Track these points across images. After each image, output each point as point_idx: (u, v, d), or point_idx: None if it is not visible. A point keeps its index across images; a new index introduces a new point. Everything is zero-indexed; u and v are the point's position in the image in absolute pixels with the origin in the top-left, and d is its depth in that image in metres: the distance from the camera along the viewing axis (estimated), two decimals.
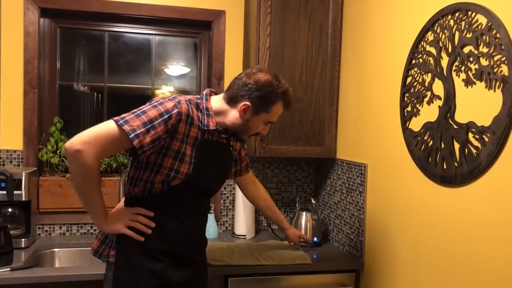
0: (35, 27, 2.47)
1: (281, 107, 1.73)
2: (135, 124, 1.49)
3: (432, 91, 1.71)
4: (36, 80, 2.49)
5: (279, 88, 1.68)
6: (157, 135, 1.52)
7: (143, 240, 1.62)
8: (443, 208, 1.64)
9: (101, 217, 1.61)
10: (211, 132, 1.68)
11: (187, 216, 1.70)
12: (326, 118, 2.51)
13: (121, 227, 1.61)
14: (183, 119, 1.58)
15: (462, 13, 1.55)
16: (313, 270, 2.21)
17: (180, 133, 1.58)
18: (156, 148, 1.56)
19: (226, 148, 1.81)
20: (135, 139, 1.48)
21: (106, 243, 1.70)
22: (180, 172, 1.60)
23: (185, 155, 1.61)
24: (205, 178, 1.68)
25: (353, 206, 2.34)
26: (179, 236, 1.68)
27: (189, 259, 1.72)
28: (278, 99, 1.70)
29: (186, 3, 2.65)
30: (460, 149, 1.55)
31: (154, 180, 1.61)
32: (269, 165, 2.80)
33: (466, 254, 1.52)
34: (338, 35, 2.49)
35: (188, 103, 1.62)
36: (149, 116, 1.52)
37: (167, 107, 1.55)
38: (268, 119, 1.73)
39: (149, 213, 1.63)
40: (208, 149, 1.68)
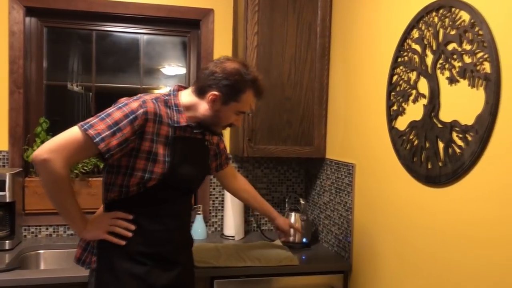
0: (20, 27, 2.44)
1: (252, 95, 1.67)
2: (100, 128, 1.47)
3: (417, 90, 1.68)
4: (22, 80, 2.46)
5: (247, 75, 1.63)
6: (123, 137, 1.49)
7: (124, 244, 1.59)
8: (428, 209, 1.61)
9: (79, 224, 1.59)
10: (182, 128, 1.64)
11: (168, 216, 1.66)
12: (315, 117, 2.48)
13: (101, 232, 1.59)
14: (150, 118, 1.54)
15: (446, 10, 1.52)
16: (300, 272, 2.18)
17: (149, 133, 1.55)
18: (125, 150, 1.53)
19: (201, 143, 1.77)
20: (100, 142, 1.46)
21: (88, 250, 1.67)
22: (154, 172, 1.57)
23: (157, 154, 1.57)
24: (181, 175, 1.64)
25: (341, 207, 2.31)
26: (160, 237, 1.64)
27: (173, 260, 1.69)
28: (247, 87, 1.64)
29: (174, 2, 2.62)
30: (444, 148, 1.52)
31: (128, 184, 1.58)
32: (259, 165, 2.77)
33: (451, 255, 1.49)
34: (327, 33, 2.46)
35: (155, 102, 1.58)
36: (113, 119, 1.49)
37: (132, 107, 1.52)
38: (239, 109, 1.67)
39: (127, 216, 1.60)
40: (182, 146, 1.64)
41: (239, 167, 2.74)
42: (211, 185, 2.70)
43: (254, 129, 2.39)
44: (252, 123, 2.38)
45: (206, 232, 2.61)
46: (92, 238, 1.63)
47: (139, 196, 1.60)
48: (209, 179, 2.69)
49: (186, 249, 1.80)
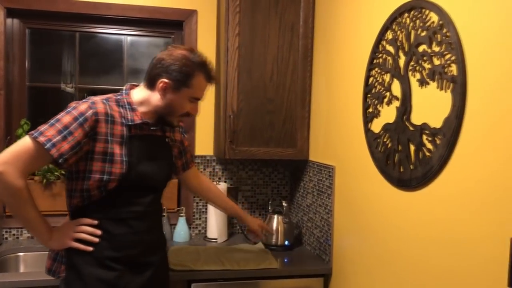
0: (1, 28, 2.43)
1: (203, 79, 1.63)
2: (50, 134, 1.45)
3: (391, 92, 1.66)
4: (3, 81, 2.45)
5: (194, 59, 1.59)
6: (75, 141, 1.47)
7: (91, 250, 1.56)
8: (400, 213, 1.59)
9: (44, 235, 1.56)
10: (138, 126, 1.62)
11: (134, 218, 1.63)
12: (298, 119, 2.46)
13: (67, 241, 1.56)
14: (101, 119, 1.52)
15: (417, 11, 1.50)
16: (280, 275, 2.16)
17: (101, 133, 1.53)
18: (80, 154, 1.51)
19: (161, 140, 1.75)
20: (51, 148, 1.44)
21: (58, 260, 1.65)
22: (113, 173, 1.54)
23: (113, 155, 1.55)
24: (142, 174, 1.61)
25: (322, 209, 2.29)
26: (128, 240, 1.61)
27: (144, 262, 1.67)
28: (196, 70, 1.59)
29: (157, 3, 2.61)
30: (415, 151, 1.49)
31: (88, 188, 1.55)
32: (243, 167, 2.76)
33: (422, 257, 1.46)
34: (309, 34, 2.44)
35: (105, 102, 1.57)
36: (63, 123, 1.48)
37: (80, 110, 1.51)
38: (193, 95, 1.62)
39: (92, 222, 1.58)
40: (139, 144, 1.62)
41: (223, 169, 2.72)
42: None
43: (236, 131, 2.38)
44: (234, 125, 2.36)
45: (189, 234, 2.59)
46: (59, 248, 1.60)
47: (102, 200, 1.58)
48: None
49: (158, 251, 1.76)
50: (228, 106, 2.36)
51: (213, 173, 2.71)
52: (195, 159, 2.67)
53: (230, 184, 2.72)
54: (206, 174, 2.70)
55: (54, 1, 2.50)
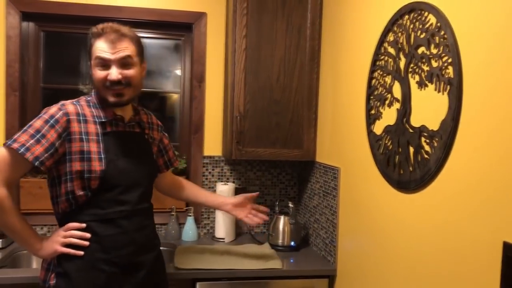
0: (16, 31, 2.51)
1: (97, 40, 1.58)
2: (23, 139, 1.48)
3: (392, 94, 1.66)
4: (18, 83, 2.52)
5: (91, 30, 1.62)
6: (48, 143, 1.50)
7: (82, 254, 1.57)
8: (400, 215, 1.59)
9: (33, 244, 1.57)
10: (113, 123, 1.64)
11: (122, 218, 1.62)
12: (304, 120, 2.47)
13: (57, 247, 1.57)
14: (72, 119, 1.56)
15: (417, 13, 1.50)
16: (284, 275, 2.18)
17: (75, 133, 1.56)
18: (56, 157, 1.53)
19: (139, 136, 1.76)
20: (25, 152, 1.47)
21: (51, 270, 1.64)
22: (93, 171, 1.55)
23: (90, 153, 1.56)
24: (122, 170, 1.62)
25: (328, 210, 2.29)
26: (118, 241, 1.61)
27: (136, 263, 1.66)
28: (92, 39, 1.60)
29: (167, 6, 2.65)
30: (414, 154, 1.49)
31: (73, 190, 1.56)
32: (251, 167, 2.78)
33: (422, 259, 1.46)
34: (316, 36, 2.45)
35: (76, 103, 1.62)
36: (35, 127, 1.51)
37: (50, 112, 1.55)
38: (93, 60, 1.59)
39: (80, 225, 1.58)
40: (116, 140, 1.63)
41: (231, 170, 2.75)
42: (203, 187, 2.72)
43: (243, 132, 2.40)
44: (241, 126, 2.39)
45: (197, 234, 2.62)
46: (49, 256, 1.60)
47: (89, 202, 1.59)
48: (200, 181, 2.71)
49: (151, 250, 1.74)
50: (235, 107, 2.38)
51: (221, 173, 2.73)
52: (204, 160, 2.71)
53: (238, 185, 2.74)
54: (214, 174, 2.73)
55: (68, 4, 2.56)
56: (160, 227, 2.68)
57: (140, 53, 1.67)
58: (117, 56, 1.57)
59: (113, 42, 1.57)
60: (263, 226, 2.79)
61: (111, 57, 1.57)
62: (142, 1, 2.63)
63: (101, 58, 1.57)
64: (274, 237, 2.49)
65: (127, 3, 2.61)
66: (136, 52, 1.64)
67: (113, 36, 1.57)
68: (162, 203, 2.67)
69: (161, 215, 2.65)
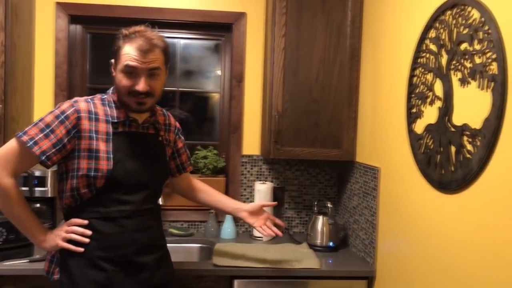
0: (64, 34, 2.62)
1: (128, 45, 1.55)
2: (33, 133, 1.50)
3: (434, 91, 1.61)
4: (66, 84, 2.63)
5: (123, 32, 1.58)
6: (57, 138, 1.51)
7: (82, 251, 1.56)
8: (441, 216, 1.54)
9: (38, 236, 1.59)
10: (126, 124, 1.64)
11: (124, 217, 1.61)
12: (344, 120, 2.44)
13: (59, 241, 1.57)
14: (83, 116, 1.56)
15: (459, 8, 1.45)
16: (322, 275, 2.16)
17: (85, 130, 1.55)
18: (64, 153, 1.54)
19: (153, 138, 1.73)
20: (33, 146, 1.48)
21: (55, 262, 1.65)
22: (99, 170, 1.54)
23: (99, 151, 1.56)
24: (129, 171, 1.60)
25: (367, 211, 2.26)
26: (118, 239, 1.60)
27: (137, 263, 1.63)
28: (120, 41, 1.57)
29: (207, 6, 2.69)
30: (456, 153, 1.45)
31: (78, 186, 1.56)
32: (289, 167, 2.77)
33: (464, 262, 1.42)
34: (357, 34, 2.41)
35: (89, 101, 1.62)
36: (45, 122, 1.52)
37: (62, 108, 1.55)
38: (120, 65, 1.56)
39: (82, 222, 1.58)
40: (126, 141, 1.62)
41: (269, 169, 2.75)
42: (241, 186, 2.74)
43: (281, 131, 2.40)
44: (279, 125, 2.39)
45: (235, 232, 2.64)
46: (52, 249, 1.62)
47: (93, 199, 1.59)
48: (238, 180, 2.73)
49: (154, 251, 1.70)
50: (273, 107, 2.39)
51: (259, 172, 2.75)
52: (242, 159, 2.73)
53: (277, 184, 2.75)
54: (253, 173, 2.74)
55: (113, 7, 2.65)
56: (200, 224, 2.72)
57: (166, 62, 1.66)
58: (147, 66, 1.55)
59: (144, 52, 1.54)
60: (301, 226, 2.78)
61: (141, 67, 1.55)
62: (183, 3, 2.68)
63: (130, 67, 1.54)
64: (312, 237, 2.47)
65: (168, 5, 2.67)
66: (164, 61, 1.63)
67: (145, 45, 1.54)
68: None
69: (200, 213, 2.70)
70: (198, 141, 2.87)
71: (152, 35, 1.57)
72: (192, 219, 2.72)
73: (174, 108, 2.86)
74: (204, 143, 2.86)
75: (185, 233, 2.61)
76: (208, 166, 2.72)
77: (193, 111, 2.93)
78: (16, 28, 2.34)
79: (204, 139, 2.92)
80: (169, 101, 2.86)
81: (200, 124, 2.96)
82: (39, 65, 2.62)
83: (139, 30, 1.57)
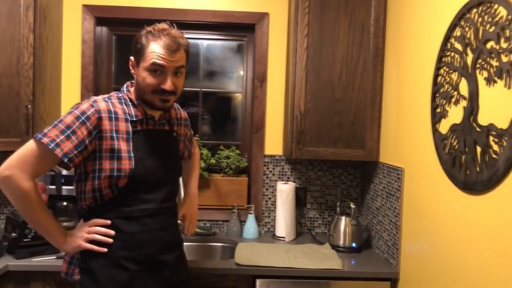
0: (90, 35, 2.67)
1: (154, 43, 1.54)
2: (53, 134, 1.47)
3: (459, 91, 1.59)
4: (92, 84, 2.69)
5: (147, 29, 1.59)
6: (79, 140, 1.49)
7: (106, 251, 1.56)
8: (466, 217, 1.52)
9: (58, 238, 1.58)
10: (144, 122, 1.63)
11: (147, 216, 1.61)
12: (367, 120, 2.42)
13: (81, 242, 1.56)
14: (104, 116, 1.54)
15: (486, 6, 1.43)
16: (345, 276, 2.15)
17: (106, 131, 1.54)
18: (86, 154, 1.52)
19: (168, 134, 1.74)
20: (56, 148, 1.45)
21: (74, 263, 1.64)
22: (122, 169, 1.54)
23: (121, 151, 1.55)
24: (151, 169, 1.61)
25: (391, 212, 2.23)
26: (142, 238, 1.60)
27: (159, 262, 1.64)
28: (144, 39, 1.57)
29: (230, 7, 2.71)
30: (481, 153, 1.42)
31: (100, 187, 1.55)
32: (312, 167, 2.76)
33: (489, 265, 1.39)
34: (381, 33, 2.39)
35: (107, 100, 1.60)
36: (66, 123, 1.49)
37: (82, 109, 1.53)
38: (146, 64, 1.55)
39: (105, 222, 1.57)
40: (145, 139, 1.62)
41: (291, 169, 2.75)
42: (264, 186, 2.75)
43: (303, 131, 2.40)
44: (301, 125, 2.38)
45: (258, 231, 2.65)
46: (73, 250, 1.60)
47: (114, 199, 1.57)
48: (261, 180, 2.73)
49: (173, 249, 1.71)
50: (296, 107, 2.38)
51: (282, 172, 2.75)
52: (265, 159, 2.73)
53: (299, 184, 2.74)
54: (275, 173, 2.74)
55: (137, 9, 2.69)
56: (222, 224, 2.74)
57: (187, 61, 1.66)
58: (174, 65, 1.56)
59: (172, 51, 1.54)
60: (324, 227, 2.77)
61: (169, 65, 1.55)
62: (206, 4, 2.70)
63: (158, 65, 1.54)
64: (335, 238, 2.46)
65: (192, 6, 2.70)
66: (186, 60, 1.64)
67: (172, 44, 1.54)
68: (223, 200, 2.74)
69: (223, 212, 2.72)
70: (221, 141, 2.90)
71: (177, 34, 1.59)
72: (215, 218, 2.74)
73: (197, 108, 2.89)
74: (227, 143, 2.88)
75: (208, 232, 2.63)
76: (231, 166, 2.73)
77: (215, 111, 2.95)
78: (45, 30, 2.40)
79: (227, 139, 2.94)
80: (192, 101, 2.89)
81: (222, 124, 2.98)
82: (66, 66, 2.68)
83: (164, 28, 1.58)
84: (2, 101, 2.20)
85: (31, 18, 2.25)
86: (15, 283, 2.05)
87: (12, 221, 2.17)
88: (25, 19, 2.24)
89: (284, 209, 2.60)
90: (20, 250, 2.09)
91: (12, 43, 2.22)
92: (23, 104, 2.25)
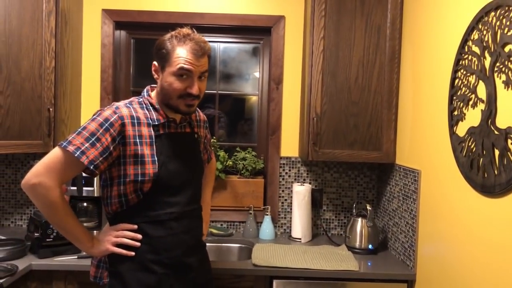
0: (110, 39, 2.72)
1: (180, 48, 1.56)
2: (78, 142, 1.49)
3: (476, 94, 1.59)
4: (111, 87, 2.74)
5: (171, 34, 1.59)
6: (103, 146, 1.50)
7: (133, 255, 1.59)
8: (484, 220, 1.52)
9: (86, 243, 1.60)
10: (165, 125, 1.65)
11: (172, 220, 1.63)
12: (384, 122, 2.43)
13: (109, 246, 1.59)
14: (127, 122, 1.56)
15: (504, 9, 1.43)
16: (361, 278, 2.16)
17: (129, 136, 1.56)
18: (111, 160, 1.54)
19: (190, 137, 1.76)
20: (81, 156, 1.47)
21: (102, 267, 1.67)
22: (146, 174, 1.56)
23: (144, 156, 1.57)
24: (173, 172, 1.62)
25: (407, 214, 2.24)
26: (168, 241, 1.62)
27: (185, 264, 1.66)
28: (169, 43, 1.58)
29: (246, 10, 2.74)
30: (500, 156, 1.43)
31: (126, 193, 1.58)
32: (328, 169, 2.77)
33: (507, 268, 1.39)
34: (397, 35, 2.40)
35: (129, 105, 1.62)
36: (90, 130, 1.51)
37: (105, 115, 1.54)
38: (174, 69, 1.56)
39: (132, 227, 1.60)
40: (168, 142, 1.64)
41: (307, 171, 2.77)
42: (280, 187, 2.77)
43: (319, 133, 2.41)
44: (317, 127, 2.40)
45: (274, 233, 2.67)
46: (101, 254, 1.63)
47: (140, 203, 1.60)
48: (277, 181, 2.75)
49: (197, 252, 1.75)
50: (312, 109, 2.40)
51: (298, 174, 2.76)
52: (281, 160, 2.76)
53: (315, 186, 2.76)
54: (291, 175, 2.77)
55: (155, 13, 2.73)
56: (239, 225, 2.77)
57: (209, 66, 1.69)
58: (199, 69, 1.59)
59: (198, 56, 1.57)
60: (340, 228, 2.78)
61: (196, 70, 1.58)
62: (223, 7, 2.73)
63: (185, 70, 1.56)
64: (351, 240, 2.47)
65: (209, 10, 2.73)
66: (208, 65, 1.67)
67: (199, 49, 1.57)
68: (240, 201, 2.76)
69: (240, 213, 2.75)
70: (237, 143, 2.92)
71: (201, 39, 1.61)
72: (231, 219, 2.77)
73: (213, 110, 2.92)
74: (243, 145, 2.91)
75: (224, 233, 2.66)
76: (247, 168, 2.76)
77: (232, 113, 2.98)
78: (66, 34, 2.45)
79: (243, 140, 2.97)
80: (209, 103, 2.92)
81: (238, 126, 3.01)
82: (86, 69, 2.74)
83: (189, 33, 1.60)
84: (25, 104, 2.26)
85: (53, 23, 2.31)
86: (38, 282, 2.10)
87: (34, 221, 2.23)
88: (47, 24, 2.29)
89: (300, 211, 2.61)
90: (42, 250, 2.15)
91: (35, 48, 2.28)
92: (45, 107, 2.31)
